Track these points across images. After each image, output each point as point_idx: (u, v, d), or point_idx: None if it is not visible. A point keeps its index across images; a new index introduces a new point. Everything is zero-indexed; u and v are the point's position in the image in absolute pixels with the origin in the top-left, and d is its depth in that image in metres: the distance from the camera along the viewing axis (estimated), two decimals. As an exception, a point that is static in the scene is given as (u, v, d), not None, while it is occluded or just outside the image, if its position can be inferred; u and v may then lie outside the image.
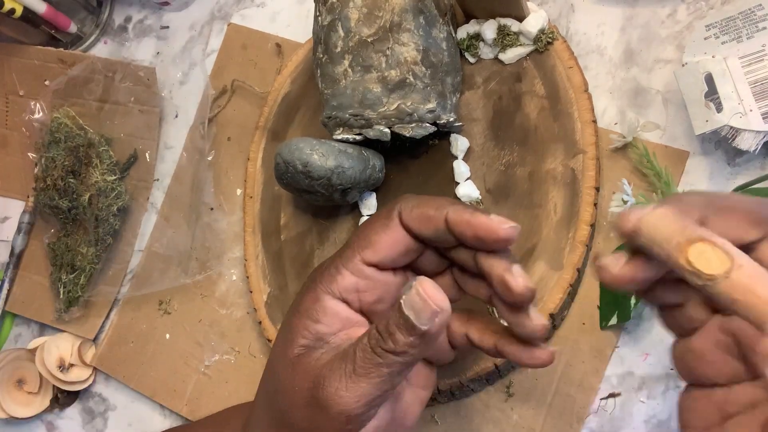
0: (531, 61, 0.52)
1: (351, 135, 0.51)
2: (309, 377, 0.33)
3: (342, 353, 0.32)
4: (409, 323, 0.30)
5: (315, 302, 0.35)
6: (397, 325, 0.31)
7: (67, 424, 0.66)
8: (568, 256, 0.47)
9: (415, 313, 0.30)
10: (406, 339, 0.31)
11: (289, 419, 0.34)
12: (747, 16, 0.45)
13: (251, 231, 0.59)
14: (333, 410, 0.31)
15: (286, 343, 0.35)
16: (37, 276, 0.68)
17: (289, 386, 0.34)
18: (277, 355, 0.36)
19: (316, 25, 0.52)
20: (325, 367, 0.33)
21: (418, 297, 0.30)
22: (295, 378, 0.33)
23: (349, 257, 0.35)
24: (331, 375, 0.32)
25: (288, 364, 0.34)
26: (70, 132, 0.66)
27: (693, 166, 0.49)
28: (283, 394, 0.34)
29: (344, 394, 0.31)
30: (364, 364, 0.31)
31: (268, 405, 0.36)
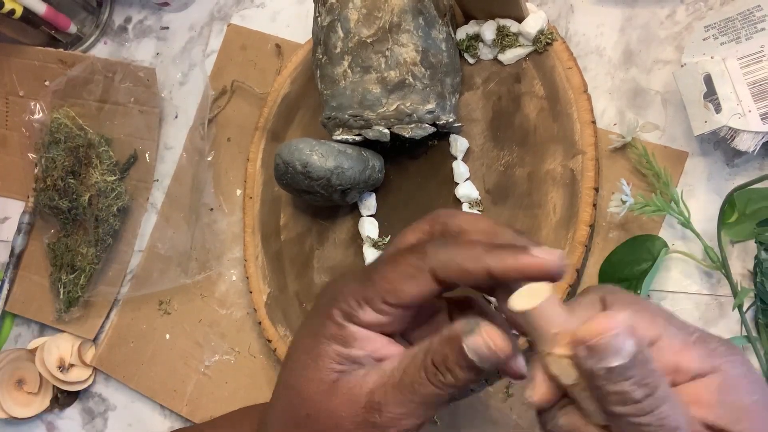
0: (530, 62, 0.52)
1: (350, 136, 0.51)
2: (356, 403, 0.33)
3: (395, 383, 0.33)
4: (471, 365, 0.31)
5: (341, 329, 0.35)
6: (458, 364, 0.32)
7: (67, 424, 0.66)
8: (567, 256, 0.47)
9: (480, 358, 0.31)
10: (466, 376, 0.32)
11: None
12: (746, 17, 0.45)
13: (251, 231, 0.59)
14: (393, 429, 0.33)
15: (316, 368, 0.35)
16: (37, 276, 0.68)
17: (331, 411, 0.34)
18: (304, 381, 0.35)
19: (316, 25, 0.52)
20: (375, 392, 0.33)
21: (485, 347, 0.31)
22: (337, 403, 0.34)
23: (371, 298, 0.34)
24: (388, 401, 0.33)
25: (325, 389, 0.34)
26: (70, 132, 0.66)
27: (692, 167, 0.49)
28: (322, 420, 0.34)
29: (402, 419, 0.33)
30: (422, 394, 0.32)
31: (293, 426, 0.36)
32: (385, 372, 0.34)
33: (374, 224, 0.54)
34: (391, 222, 0.54)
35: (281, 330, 0.55)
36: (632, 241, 0.47)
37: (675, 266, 0.48)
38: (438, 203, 0.53)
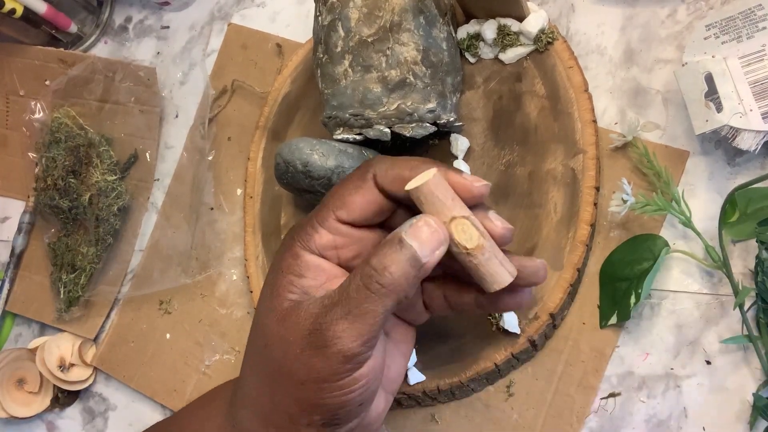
0: (531, 61, 0.52)
1: (351, 135, 0.51)
2: (302, 326, 0.34)
3: (334, 297, 0.34)
4: (412, 254, 0.32)
5: (296, 258, 0.36)
6: (394, 260, 0.32)
7: (67, 424, 0.66)
8: (568, 255, 0.47)
9: (420, 243, 0.32)
10: (405, 269, 0.32)
11: (286, 369, 0.34)
12: (747, 16, 0.45)
13: (251, 231, 0.59)
14: (332, 350, 0.33)
15: (273, 298, 0.36)
16: (37, 276, 0.68)
17: (282, 337, 0.35)
18: (263, 311, 0.37)
19: (317, 25, 0.52)
20: (319, 314, 0.34)
21: (426, 228, 0.32)
22: (287, 329, 0.34)
23: (325, 216, 0.36)
24: (328, 319, 0.33)
25: (278, 317, 0.35)
26: (70, 132, 0.66)
27: (693, 166, 0.49)
28: (275, 347, 0.35)
29: (342, 335, 0.33)
30: (359, 304, 0.33)
31: (259, 361, 0.37)
32: (328, 294, 0.34)
33: (375, 223, 0.54)
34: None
35: (282, 329, 0.55)
36: (633, 241, 0.47)
37: (676, 265, 0.48)
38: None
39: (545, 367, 0.49)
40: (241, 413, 0.39)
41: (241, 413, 0.39)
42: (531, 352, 0.48)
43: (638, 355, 0.48)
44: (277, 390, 0.36)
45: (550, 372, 0.49)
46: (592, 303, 0.49)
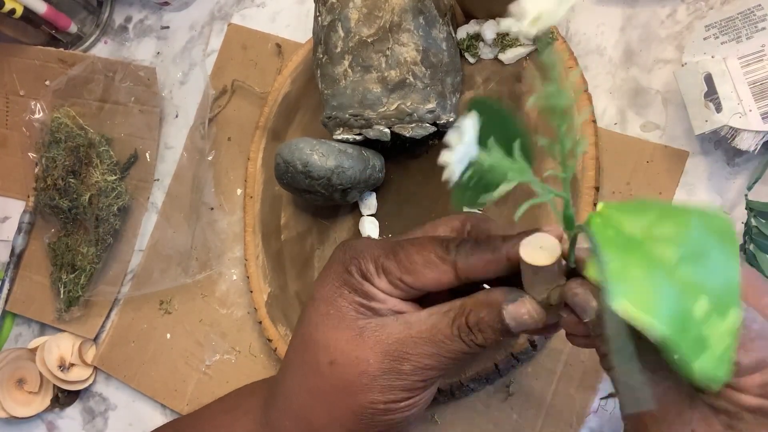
0: (531, 62, 0.52)
1: (351, 135, 0.51)
2: (383, 349, 0.35)
3: (422, 333, 0.35)
4: (506, 329, 0.33)
5: (361, 284, 0.36)
6: (492, 327, 0.34)
7: (67, 424, 0.66)
8: (568, 255, 0.47)
9: (517, 324, 0.33)
10: (497, 338, 0.34)
11: (357, 387, 0.35)
12: (746, 17, 0.45)
13: (251, 231, 0.59)
14: (413, 378, 0.35)
15: (342, 316, 0.36)
16: (37, 276, 0.69)
17: (357, 357, 0.35)
18: (328, 328, 0.37)
19: (316, 25, 0.52)
20: (404, 343, 0.35)
21: (527, 316, 0.33)
22: (364, 349, 0.35)
23: (392, 270, 0.36)
24: (416, 351, 0.35)
25: (352, 336, 0.36)
26: (70, 132, 0.66)
27: (692, 166, 0.49)
28: (348, 365, 0.36)
29: (428, 368, 0.35)
30: (450, 348, 0.35)
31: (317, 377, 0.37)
32: (410, 324, 0.35)
33: (375, 224, 0.54)
34: (391, 221, 0.54)
35: (282, 329, 0.55)
36: None
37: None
38: (439, 202, 0.53)
39: (545, 367, 0.49)
40: (282, 423, 0.39)
41: (283, 423, 0.39)
42: (531, 352, 0.49)
43: (638, 355, 0.48)
44: (338, 406, 0.36)
45: (550, 372, 0.49)
46: (592, 303, 0.49)
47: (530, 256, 0.32)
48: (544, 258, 0.32)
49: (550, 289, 0.33)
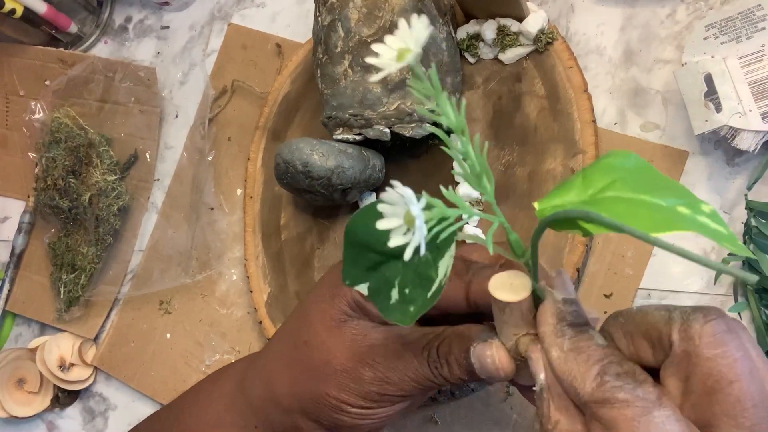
0: (531, 62, 0.52)
1: (351, 135, 0.51)
2: (353, 348, 0.35)
3: (397, 348, 0.34)
4: (470, 369, 0.32)
5: None
6: (458, 361, 0.33)
7: (67, 424, 0.66)
8: (568, 255, 0.47)
9: (481, 366, 0.32)
10: (461, 375, 0.33)
11: (318, 374, 0.36)
12: (746, 17, 0.45)
13: (251, 231, 0.59)
14: (370, 388, 0.34)
15: (331, 304, 0.36)
16: (37, 276, 0.69)
17: (328, 347, 0.36)
18: (316, 310, 0.37)
19: (316, 25, 0.52)
20: (374, 349, 0.35)
21: (490, 359, 0.32)
22: (336, 340, 0.35)
23: None
24: (382, 361, 0.34)
25: (331, 325, 0.36)
26: (70, 132, 0.66)
27: (692, 166, 0.49)
28: (317, 350, 0.36)
29: (388, 382, 0.34)
30: (416, 371, 0.34)
31: (292, 351, 0.38)
32: (391, 335, 0.35)
33: (375, 224, 0.54)
34: (391, 221, 0.54)
35: (282, 329, 0.55)
36: None
37: (675, 265, 0.48)
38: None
39: (545, 367, 0.49)
40: (252, 385, 0.40)
41: (253, 385, 0.40)
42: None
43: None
44: (299, 382, 0.37)
45: (549, 372, 0.49)
46: (592, 303, 0.49)
47: (498, 291, 0.30)
48: (510, 295, 0.30)
49: (519, 335, 0.31)
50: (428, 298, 0.29)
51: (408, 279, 0.30)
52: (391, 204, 0.25)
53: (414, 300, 0.29)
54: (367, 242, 0.31)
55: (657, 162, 0.49)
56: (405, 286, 0.30)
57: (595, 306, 0.49)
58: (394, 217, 0.25)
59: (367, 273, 0.31)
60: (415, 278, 0.29)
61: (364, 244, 0.31)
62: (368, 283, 0.31)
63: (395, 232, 0.25)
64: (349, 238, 0.31)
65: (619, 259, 0.49)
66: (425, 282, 0.29)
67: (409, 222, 0.25)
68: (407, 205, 0.24)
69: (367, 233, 0.30)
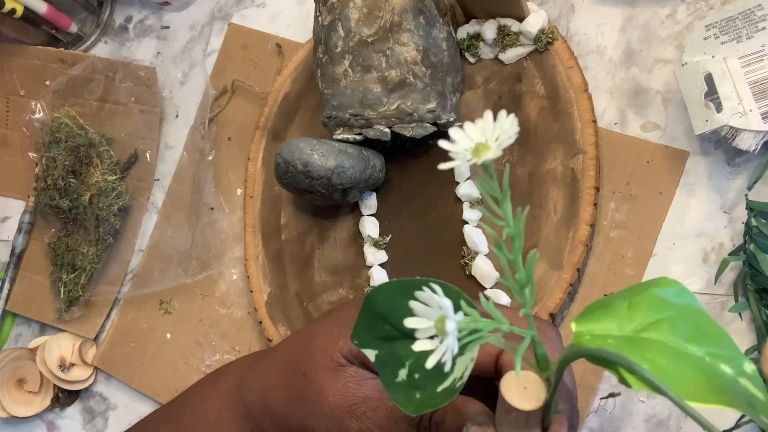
0: (531, 61, 0.52)
1: (351, 135, 0.51)
2: (346, 398, 0.35)
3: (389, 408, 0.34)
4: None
5: None
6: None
7: (67, 424, 0.66)
8: (568, 255, 0.47)
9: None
10: None
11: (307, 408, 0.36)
12: (747, 17, 0.45)
13: (251, 231, 0.59)
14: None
15: (334, 342, 0.36)
16: (37, 276, 0.69)
17: (322, 386, 0.35)
18: (319, 346, 0.37)
19: (317, 25, 0.52)
20: (366, 403, 0.34)
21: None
22: (331, 385, 0.35)
23: None
24: (372, 417, 0.34)
25: (328, 365, 0.36)
26: (70, 132, 0.66)
27: (692, 166, 0.49)
28: (312, 386, 0.36)
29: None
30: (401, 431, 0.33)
31: (290, 372, 0.38)
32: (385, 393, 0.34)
33: (375, 223, 0.54)
34: (391, 221, 0.54)
35: (282, 329, 0.55)
36: None
37: (675, 265, 0.48)
38: (439, 202, 0.53)
39: (545, 367, 0.49)
40: (251, 390, 0.40)
41: (251, 390, 0.40)
42: None
43: (638, 355, 0.48)
44: (291, 407, 0.37)
45: (549, 372, 0.49)
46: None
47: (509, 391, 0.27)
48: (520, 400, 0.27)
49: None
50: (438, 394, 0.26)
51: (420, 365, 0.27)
52: (425, 304, 0.23)
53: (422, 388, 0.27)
54: (386, 315, 0.29)
55: (657, 162, 0.49)
56: (416, 371, 0.28)
57: (596, 306, 0.49)
58: (425, 318, 0.23)
59: (379, 342, 0.29)
60: None
61: (382, 316, 0.29)
62: (377, 351, 0.29)
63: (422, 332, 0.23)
64: (368, 306, 0.29)
65: (619, 259, 0.49)
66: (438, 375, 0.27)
67: (440, 330, 0.23)
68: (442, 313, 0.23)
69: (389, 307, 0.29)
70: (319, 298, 0.55)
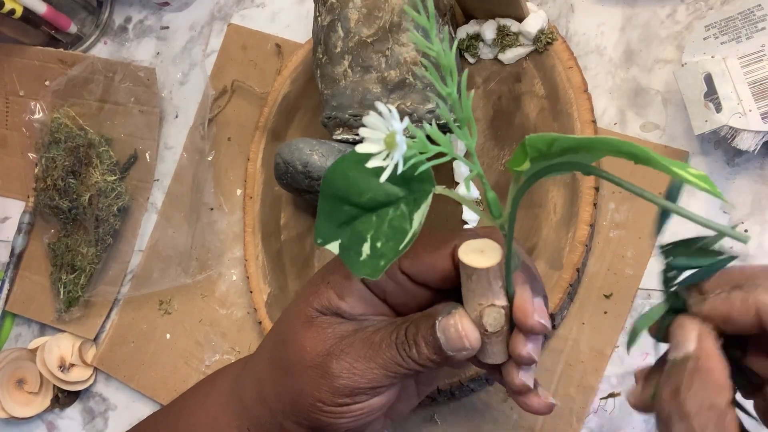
0: (530, 62, 0.52)
1: (351, 135, 0.51)
2: (323, 342, 0.35)
3: (365, 336, 0.34)
4: (437, 344, 0.32)
5: (345, 279, 0.36)
6: (425, 339, 0.32)
7: (67, 424, 0.66)
8: (568, 255, 0.47)
9: (446, 339, 0.32)
10: (430, 355, 0.33)
11: (293, 372, 0.36)
12: (746, 17, 0.45)
13: (251, 231, 0.59)
14: (340, 381, 0.34)
15: (306, 300, 0.36)
16: (37, 276, 0.69)
17: (300, 342, 0.35)
18: (295, 309, 0.37)
19: (316, 25, 0.52)
20: (344, 340, 0.34)
21: (453, 329, 0.32)
22: (307, 336, 0.35)
23: None
24: (350, 351, 0.34)
25: (303, 321, 0.36)
26: (70, 132, 0.66)
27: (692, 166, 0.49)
28: (291, 348, 0.36)
29: (356, 372, 0.33)
30: (384, 356, 0.33)
31: (273, 351, 0.38)
32: (360, 327, 0.35)
33: (375, 224, 0.54)
34: (391, 221, 0.54)
35: (282, 329, 0.55)
36: None
37: (675, 266, 0.48)
38: (438, 203, 0.53)
39: (545, 367, 0.49)
40: (246, 387, 0.40)
41: (246, 387, 0.40)
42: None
43: (638, 355, 0.48)
44: (281, 383, 0.37)
45: (549, 372, 0.49)
46: (592, 303, 0.49)
47: (467, 256, 0.30)
48: (479, 262, 0.30)
49: (484, 306, 0.31)
50: (400, 250, 0.29)
51: (381, 233, 0.30)
52: (372, 128, 0.25)
53: (385, 254, 0.29)
54: (344, 194, 0.31)
55: (657, 162, 0.49)
56: (378, 239, 0.30)
57: (595, 306, 0.49)
58: (375, 142, 0.25)
59: (339, 229, 0.31)
60: (389, 231, 0.30)
61: (340, 196, 0.31)
62: (340, 240, 0.31)
63: (375, 157, 0.25)
64: (325, 190, 0.31)
65: (619, 259, 0.49)
66: (399, 235, 0.29)
67: (390, 146, 0.25)
68: (389, 123, 0.25)
69: (346, 183, 0.31)
70: (318, 298, 0.55)
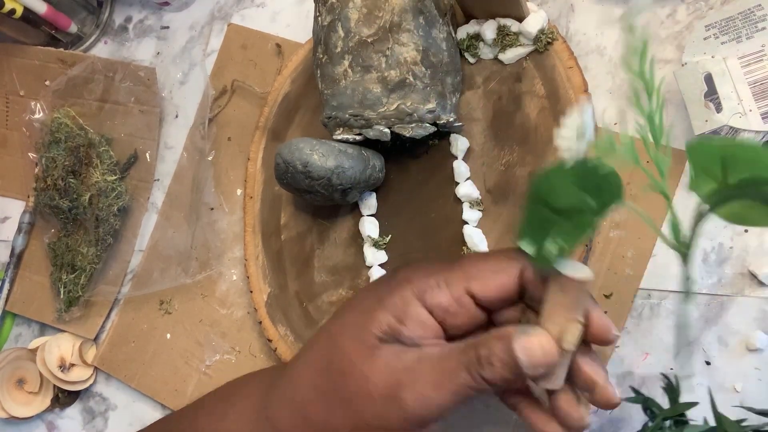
0: (531, 62, 0.52)
1: (351, 135, 0.51)
2: (390, 374, 0.34)
3: (433, 363, 0.34)
4: (516, 365, 0.32)
5: (404, 303, 0.35)
6: (501, 360, 0.32)
7: (67, 424, 0.66)
8: (568, 256, 0.47)
9: (528, 359, 0.32)
10: (505, 375, 0.32)
11: (355, 404, 0.35)
12: (746, 17, 0.45)
13: (251, 231, 0.59)
14: (413, 413, 0.33)
15: (363, 327, 0.36)
16: (37, 276, 0.69)
17: (364, 373, 0.35)
18: (348, 337, 0.36)
19: (316, 25, 0.52)
20: (411, 370, 0.34)
21: (539, 349, 0.32)
22: (372, 368, 0.35)
23: (455, 281, 0.35)
24: (420, 379, 0.33)
25: (365, 352, 0.35)
26: (70, 132, 0.66)
27: (693, 166, 0.49)
28: (352, 378, 0.35)
29: (429, 401, 0.33)
30: (457, 381, 0.33)
31: (324, 379, 0.37)
32: (425, 354, 0.34)
33: (375, 224, 0.54)
34: (391, 221, 0.54)
35: (282, 329, 0.55)
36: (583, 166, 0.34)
37: (675, 265, 0.48)
38: (439, 202, 0.53)
39: (545, 367, 0.49)
40: (280, 413, 0.39)
41: (281, 413, 0.39)
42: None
43: (638, 355, 0.48)
44: (336, 413, 0.36)
45: (549, 372, 0.49)
46: (592, 303, 0.49)
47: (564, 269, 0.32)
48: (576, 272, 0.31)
49: (569, 319, 0.32)
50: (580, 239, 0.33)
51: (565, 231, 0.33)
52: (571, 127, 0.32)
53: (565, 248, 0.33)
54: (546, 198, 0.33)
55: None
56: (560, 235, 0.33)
57: (596, 306, 0.49)
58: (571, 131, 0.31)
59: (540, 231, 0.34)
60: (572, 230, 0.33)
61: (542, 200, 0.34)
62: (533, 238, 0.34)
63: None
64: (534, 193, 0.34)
65: (619, 259, 0.49)
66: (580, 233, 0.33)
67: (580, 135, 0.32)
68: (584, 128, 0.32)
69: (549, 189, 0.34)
70: (318, 298, 0.55)
